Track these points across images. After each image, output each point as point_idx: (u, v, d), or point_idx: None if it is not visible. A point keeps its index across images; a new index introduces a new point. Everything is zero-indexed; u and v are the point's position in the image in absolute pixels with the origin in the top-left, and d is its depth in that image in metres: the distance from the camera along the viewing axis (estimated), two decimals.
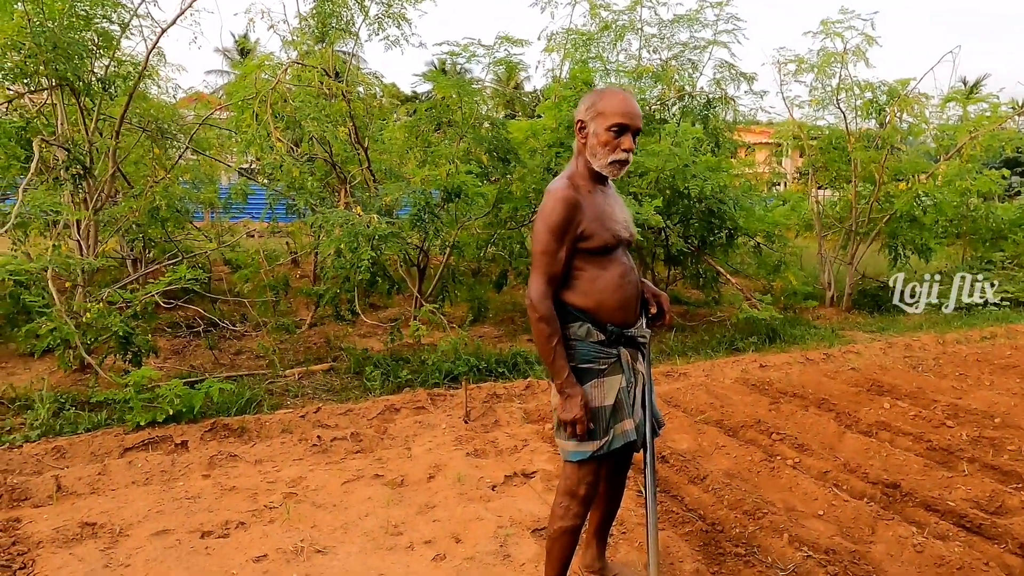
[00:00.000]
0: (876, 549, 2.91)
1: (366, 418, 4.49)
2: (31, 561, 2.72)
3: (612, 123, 2.11)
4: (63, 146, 5.28)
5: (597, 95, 2.17)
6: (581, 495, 2.18)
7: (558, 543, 2.24)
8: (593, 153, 2.15)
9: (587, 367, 2.13)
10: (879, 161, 8.50)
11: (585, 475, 2.17)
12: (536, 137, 7.93)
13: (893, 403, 4.83)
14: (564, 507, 2.20)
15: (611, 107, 2.12)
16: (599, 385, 2.13)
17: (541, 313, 2.07)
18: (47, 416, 4.21)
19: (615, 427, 2.14)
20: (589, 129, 2.15)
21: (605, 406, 2.13)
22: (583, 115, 2.17)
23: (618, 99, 2.14)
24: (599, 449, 2.12)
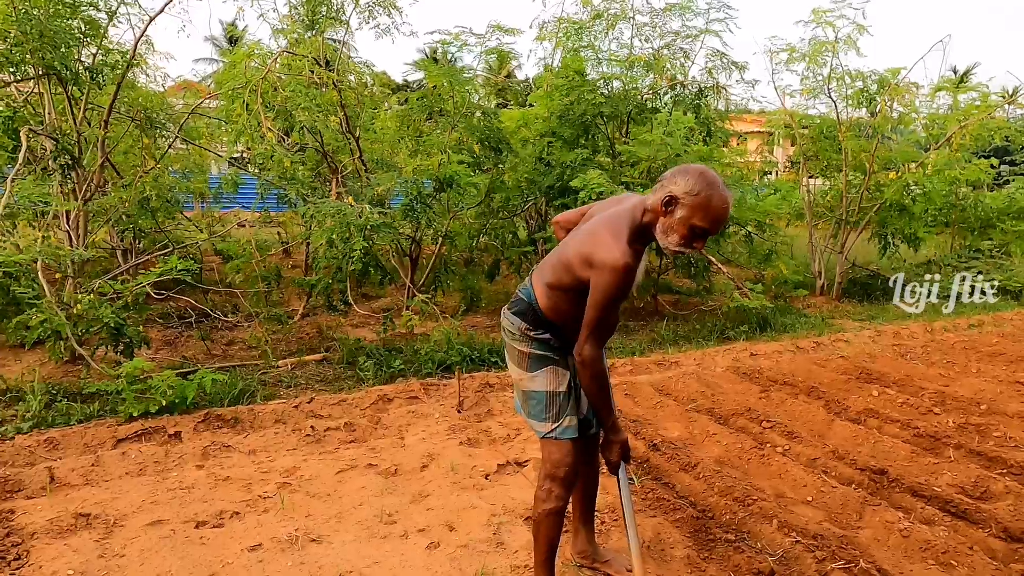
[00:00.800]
0: (863, 534, 2.96)
1: (359, 408, 4.51)
2: (25, 552, 2.72)
3: (703, 227, 2.08)
4: (51, 136, 5.23)
5: (706, 188, 2.07)
6: (561, 477, 2.28)
7: (543, 525, 2.32)
8: (666, 232, 2.13)
9: (543, 355, 2.33)
10: (869, 150, 8.54)
11: (564, 458, 2.28)
12: (528, 126, 7.92)
13: (882, 391, 4.89)
14: (547, 490, 2.30)
15: (711, 213, 2.07)
16: (555, 372, 2.31)
17: (597, 372, 2.18)
18: (39, 408, 4.20)
19: (566, 416, 2.30)
20: (677, 213, 2.10)
21: (560, 391, 2.31)
22: (681, 196, 2.08)
23: (720, 209, 2.07)
24: (554, 429, 2.29)
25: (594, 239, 2.16)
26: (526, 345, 2.33)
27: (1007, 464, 3.61)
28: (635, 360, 5.71)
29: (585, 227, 2.30)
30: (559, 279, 2.25)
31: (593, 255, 2.12)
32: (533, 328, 2.32)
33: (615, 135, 7.91)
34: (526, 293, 2.36)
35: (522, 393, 2.38)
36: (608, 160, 7.77)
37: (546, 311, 2.29)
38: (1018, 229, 9.55)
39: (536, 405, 2.31)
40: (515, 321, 2.35)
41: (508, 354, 2.42)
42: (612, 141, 7.77)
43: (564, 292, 2.24)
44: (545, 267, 2.33)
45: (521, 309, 2.34)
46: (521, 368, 2.35)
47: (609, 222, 2.20)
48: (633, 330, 7.19)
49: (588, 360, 2.14)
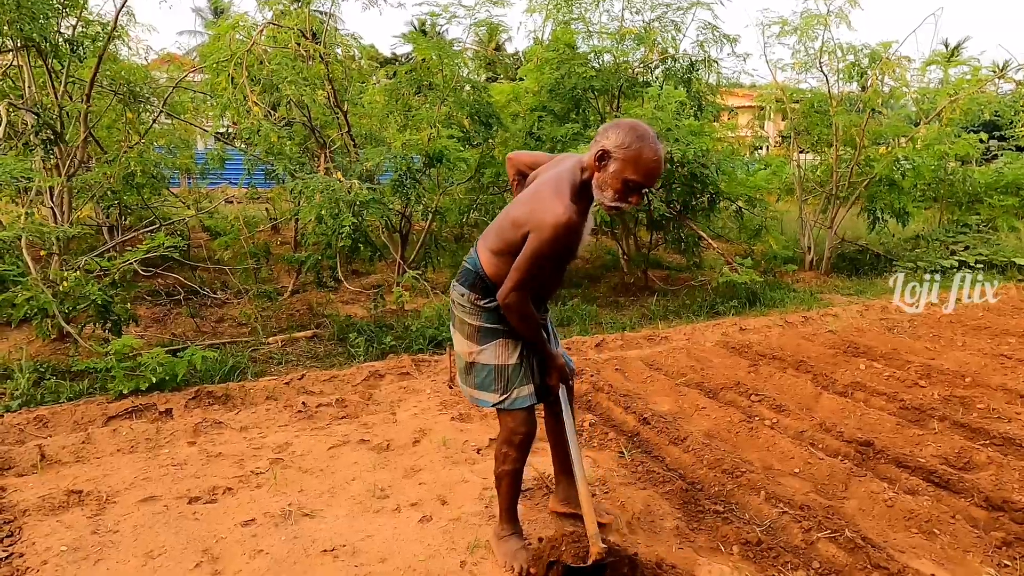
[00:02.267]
0: (849, 504, 3.01)
1: (351, 384, 4.51)
2: (18, 529, 2.73)
3: (636, 180, 2.10)
4: (32, 110, 5.13)
5: (636, 141, 2.08)
6: (517, 443, 2.40)
7: (504, 482, 2.48)
8: (601, 187, 2.16)
9: (493, 327, 2.34)
10: (860, 125, 8.52)
11: (519, 426, 2.39)
12: (518, 101, 7.85)
13: (869, 364, 4.94)
14: (504, 454, 2.43)
15: (642, 165, 2.08)
16: (505, 345, 2.35)
17: (523, 314, 2.24)
18: (27, 386, 4.18)
19: (516, 387, 2.36)
20: (611, 166, 2.12)
21: (510, 364, 2.35)
22: (612, 150, 2.10)
23: (651, 161, 2.08)
24: (503, 400, 2.36)
25: (537, 199, 2.19)
26: (476, 318, 2.35)
27: (990, 435, 3.67)
28: (625, 335, 5.74)
29: (527, 190, 2.33)
30: (505, 242, 2.24)
31: (536, 214, 2.13)
32: (482, 297, 2.32)
33: (606, 110, 7.85)
34: (472, 262, 2.36)
35: (467, 365, 2.41)
36: None
37: (493, 278, 2.29)
38: (1005, 204, 9.60)
39: (485, 377, 2.36)
40: (464, 292, 2.35)
41: (458, 329, 2.42)
42: (603, 116, 7.71)
43: (510, 256, 2.22)
44: (489, 233, 2.34)
45: (468, 279, 2.35)
46: (472, 341, 2.37)
47: (551, 182, 2.22)
48: (624, 306, 7.21)
49: (512, 305, 2.20)
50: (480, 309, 2.34)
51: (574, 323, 6.27)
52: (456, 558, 2.55)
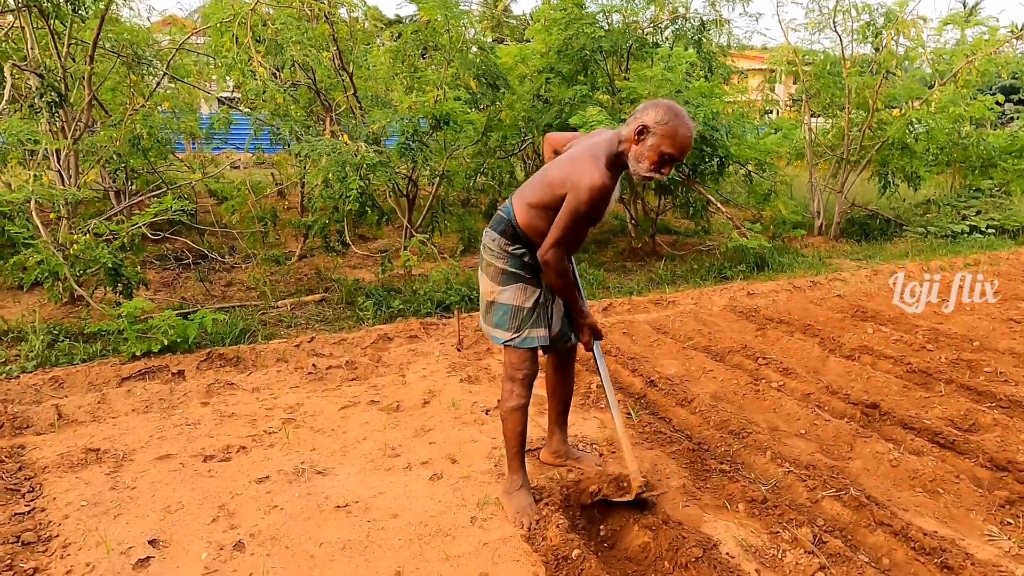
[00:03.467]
0: (854, 464, 3.05)
1: (360, 347, 4.55)
2: (39, 484, 2.79)
3: (670, 153, 2.30)
4: (36, 72, 5.08)
5: (674, 119, 2.29)
6: (520, 379, 2.58)
7: (510, 420, 2.61)
8: (638, 159, 2.35)
9: (516, 272, 2.55)
10: (873, 87, 8.36)
11: (522, 362, 2.57)
12: (525, 62, 7.73)
13: (876, 328, 4.94)
14: (508, 390, 2.60)
15: (677, 140, 2.29)
16: (524, 289, 2.56)
17: (561, 271, 2.44)
18: (41, 348, 4.23)
19: (528, 329, 2.55)
20: (648, 140, 2.32)
21: (525, 307, 2.56)
22: (652, 125, 2.30)
23: (685, 137, 2.30)
24: (513, 339, 2.55)
25: (575, 163, 2.40)
26: (502, 261, 2.55)
27: (996, 398, 3.68)
28: (633, 300, 5.74)
29: (566, 154, 2.54)
30: (540, 198, 2.45)
31: (573, 176, 2.36)
32: (511, 243, 2.54)
33: (615, 71, 7.72)
34: (506, 211, 2.57)
35: (488, 304, 2.61)
36: (607, 97, 7.60)
37: (524, 227, 2.51)
38: (1020, 168, 9.45)
39: (502, 316, 2.56)
40: (495, 237, 2.56)
41: (483, 271, 2.63)
42: (611, 77, 7.59)
43: (543, 210, 2.45)
44: (527, 188, 2.54)
45: (501, 226, 2.56)
46: (495, 282, 2.58)
47: (589, 149, 2.44)
48: (631, 270, 7.20)
49: (551, 261, 2.40)
50: (507, 254, 2.55)
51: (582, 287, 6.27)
52: (466, 514, 2.60)
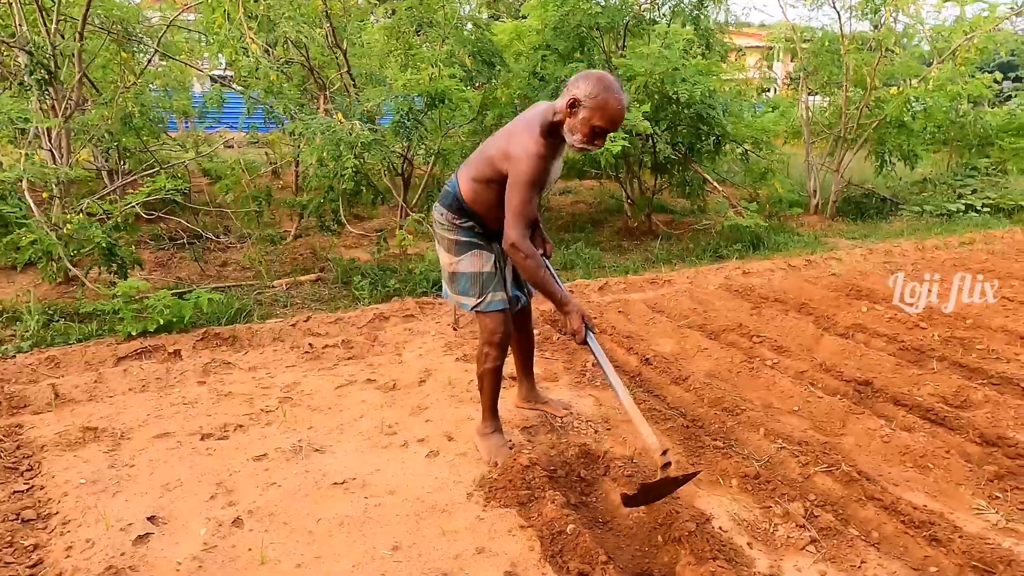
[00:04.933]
0: (846, 440, 3.08)
1: (356, 326, 4.56)
2: (37, 463, 2.81)
3: (600, 125, 2.36)
4: (24, 48, 5.01)
5: (603, 92, 2.33)
6: (496, 342, 2.74)
7: (486, 380, 2.82)
8: (571, 131, 2.41)
9: (468, 241, 2.70)
10: (872, 65, 8.31)
11: (496, 326, 2.72)
12: (521, 39, 7.65)
13: (871, 307, 4.97)
14: (485, 353, 2.77)
15: (607, 113, 2.34)
16: (479, 255, 2.70)
17: (526, 252, 2.45)
18: (37, 328, 4.22)
19: (491, 292, 2.70)
20: (579, 114, 2.37)
21: (484, 271, 2.70)
22: (582, 99, 2.35)
23: (615, 110, 2.35)
24: (478, 304, 2.70)
25: (511, 136, 2.50)
26: (452, 233, 2.70)
27: (987, 375, 3.72)
28: (629, 279, 5.75)
29: (504, 128, 2.64)
30: (481, 172, 2.56)
31: (509, 147, 2.45)
32: (458, 217, 2.67)
33: (611, 48, 7.65)
34: (452, 186, 2.69)
35: (450, 275, 2.76)
36: None
37: (469, 201, 2.63)
38: (1016, 146, 9.45)
39: (464, 284, 2.71)
40: (443, 211, 2.70)
41: (439, 244, 2.79)
42: (608, 55, 7.52)
43: (485, 183, 2.56)
44: (470, 163, 2.65)
45: (447, 200, 2.69)
46: (450, 254, 2.73)
47: (523, 121, 2.52)
48: (627, 249, 7.20)
49: (515, 243, 2.43)
50: (456, 226, 2.69)
51: (577, 267, 6.28)
52: (462, 490, 2.63)
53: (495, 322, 2.71)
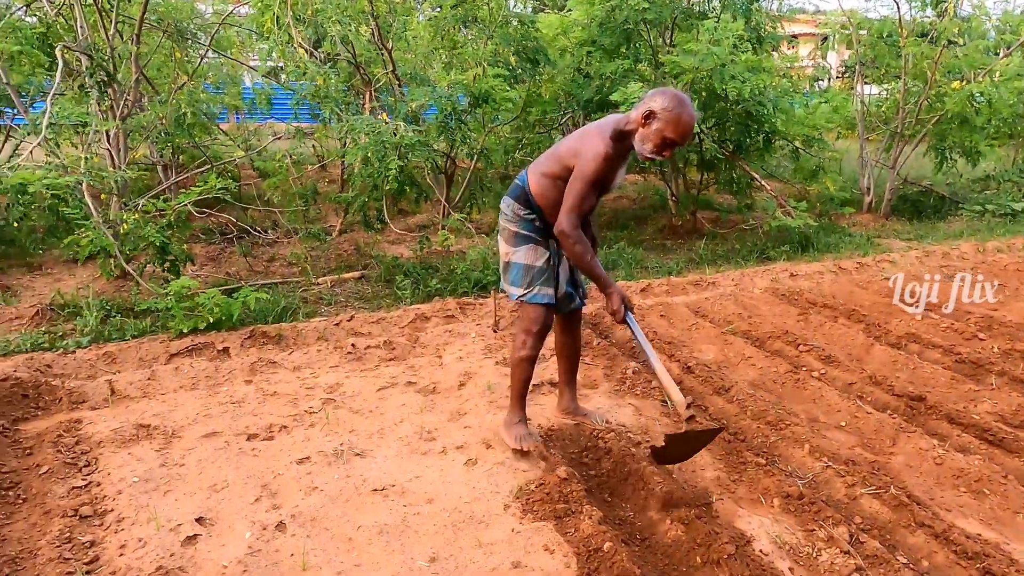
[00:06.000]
0: (895, 460, 2.99)
1: (398, 326, 4.61)
2: (95, 459, 2.93)
3: (671, 138, 2.55)
4: (85, 52, 5.19)
5: (679, 107, 2.52)
6: (534, 331, 2.86)
7: (518, 368, 2.91)
8: (642, 140, 2.60)
9: (527, 235, 2.86)
10: (933, 56, 7.95)
11: (536, 317, 2.85)
12: (566, 35, 7.57)
13: (925, 314, 4.79)
14: (522, 341, 2.88)
15: (680, 127, 2.53)
16: (535, 250, 2.86)
17: (576, 240, 2.65)
18: (96, 323, 4.40)
19: (538, 286, 2.83)
20: (652, 125, 2.56)
21: (536, 265, 2.84)
22: (658, 111, 2.54)
23: (687, 124, 2.54)
24: (525, 294, 2.83)
25: (583, 138, 2.71)
26: (516, 225, 2.86)
27: None
28: (672, 280, 5.67)
29: (577, 131, 2.85)
30: (551, 169, 2.76)
31: (580, 147, 2.67)
32: (523, 208, 2.84)
33: (658, 42, 7.51)
34: (521, 180, 2.88)
35: (505, 264, 2.92)
36: (650, 71, 7.42)
37: (535, 195, 2.81)
38: None
39: (516, 274, 2.86)
40: (510, 203, 2.87)
41: (501, 235, 2.94)
42: (655, 50, 7.39)
43: (553, 180, 2.75)
44: (541, 160, 2.85)
45: (515, 192, 2.87)
46: (509, 244, 2.89)
47: (598, 125, 2.73)
48: (671, 249, 7.10)
49: (566, 231, 2.63)
50: (520, 218, 2.86)
51: (619, 267, 6.22)
52: (500, 501, 2.64)
53: (536, 312, 2.85)
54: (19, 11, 6.00)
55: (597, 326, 4.60)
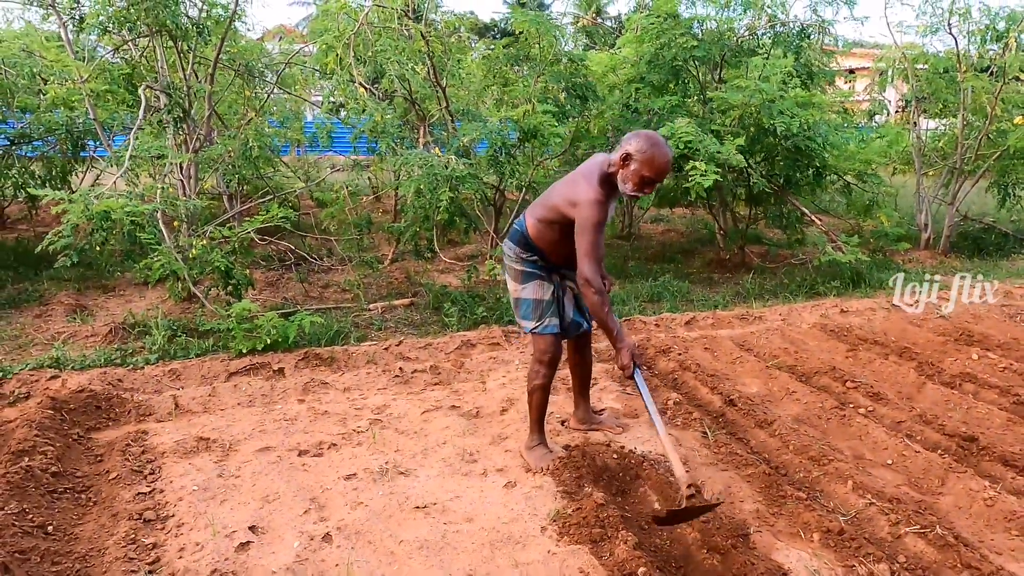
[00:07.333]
0: (944, 501, 2.92)
1: (444, 352, 4.75)
2: (158, 468, 3.13)
3: (650, 177, 2.77)
4: (164, 90, 5.62)
5: (652, 148, 2.73)
6: (546, 361, 3.06)
7: (535, 396, 3.11)
8: (624, 180, 2.81)
9: (531, 272, 3.06)
10: (993, 92, 7.79)
11: (547, 347, 3.06)
12: (615, 72, 7.74)
13: (982, 354, 4.65)
14: (535, 371, 3.09)
15: (656, 167, 2.74)
16: (541, 285, 3.05)
17: (596, 289, 2.79)
18: (163, 342, 4.68)
19: (548, 317, 3.04)
20: (631, 166, 2.77)
21: (544, 299, 3.05)
22: (634, 153, 2.75)
23: (661, 163, 2.75)
24: (537, 327, 3.04)
25: (572, 185, 2.90)
26: (519, 264, 3.07)
27: None
28: (717, 314, 5.65)
29: (566, 177, 3.05)
30: (545, 215, 2.96)
31: (573, 195, 2.83)
32: (524, 251, 3.05)
33: (707, 79, 7.60)
34: (519, 225, 3.08)
35: (515, 300, 3.12)
36: (698, 107, 7.50)
37: (534, 238, 3.01)
38: None
39: (527, 309, 3.05)
40: (512, 247, 3.08)
41: (508, 273, 3.15)
42: (703, 86, 7.48)
43: (548, 224, 2.95)
44: (536, 206, 3.05)
45: (515, 237, 3.08)
46: (517, 282, 3.09)
47: (583, 172, 2.93)
48: (718, 282, 7.07)
49: (588, 279, 2.76)
50: (522, 260, 3.06)
51: (664, 299, 6.24)
52: (537, 523, 2.70)
53: (546, 343, 3.05)
54: (108, 53, 6.53)
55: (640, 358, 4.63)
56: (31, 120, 7.28)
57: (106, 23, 5.37)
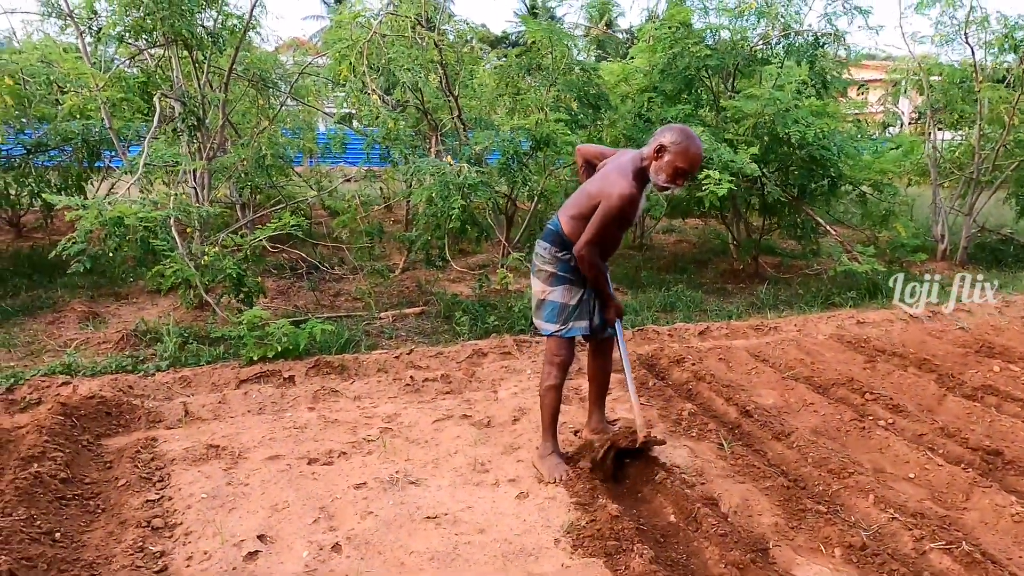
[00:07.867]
0: (969, 516, 2.84)
1: (455, 361, 4.70)
2: (167, 475, 3.10)
3: (683, 168, 2.83)
4: (179, 99, 5.65)
5: (686, 140, 2.81)
6: (558, 362, 3.09)
7: (546, 397, 3.11)
8: (657, 172, 2.87)
9: (563, 276, 3.07)
10: (1011, 101, 7.70)
11: (559, 349, 3.08)
12: (627, 81, 7.73)
13: (1004, 366, 4.56)
14: (547, 372, 3.11)
15: (689, 159, 2.82)
16: (569, 289, 3.07)
17: (595, 263, 2.96)
18: (174, 349, 4.67)
19: (572, 321, 3.07)
20: (665, 157, 2.84)
21: (571, 304, 3.07)
22: (668, 145, 2.82)
23: (696, 155, 2.83)
24: (559, 330, 3.06)
25: (607, 179, 2.95)
26: (553, 266, 3.06)
27: None
28: (731, 324, 5.58)
29: (600, 172, 3.09)
30: (579, 210, 2.98)
31: (606, 188, 2.89)
32: (560, 250, 3.04)
33: (720, 88, 7.56)
34: (554, 224, 3.10)
35: (539, 302, 3.12)
36: (711, 116, 7.46)
37: (569, 235, 3.01)
38: None
39: (551, 311, 3.07)
40: (547, 246, 3.08)
41: (536, 275, 3.14)
42: (716, 95, 7.44)
43: (583, 219, 2.95)
44: (569, 203, 3.08)
45: (550, 236, 3.08)
46: (547, 284, 3.08)
47: (618, 166, 2.97)
48: (731, 292, 7.00)
49: (585, 255, 2.91)
50: (557, 259, 3.06)
51: (678, 309, 6.18)
52: (550, 535, 2.65)
53: (560, 345, 3.08)
54: (124, 63, 6.59)
55: (654, 367, 4.57)
56: (48, 130, 7.35)
57: (123, 33, 5.41)
